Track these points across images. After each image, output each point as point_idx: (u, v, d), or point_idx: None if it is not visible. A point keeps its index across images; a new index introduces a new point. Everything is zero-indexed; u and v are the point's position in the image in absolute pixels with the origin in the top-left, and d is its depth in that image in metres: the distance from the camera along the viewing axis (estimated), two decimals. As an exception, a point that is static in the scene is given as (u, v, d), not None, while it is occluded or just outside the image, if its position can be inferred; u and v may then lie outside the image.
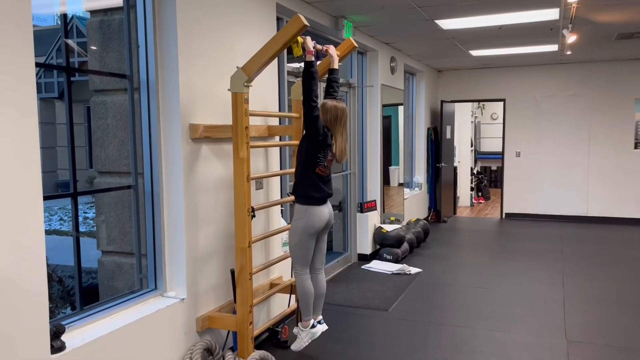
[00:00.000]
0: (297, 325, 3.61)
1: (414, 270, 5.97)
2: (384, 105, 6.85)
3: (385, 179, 7.20)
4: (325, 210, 3.41)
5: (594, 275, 5.80)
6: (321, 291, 3.58)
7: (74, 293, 3.07)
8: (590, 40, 6.75)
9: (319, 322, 3.59)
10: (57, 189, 11.32)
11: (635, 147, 9.08)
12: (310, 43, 3.26)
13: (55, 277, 4.55)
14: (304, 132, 3.36)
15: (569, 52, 7.24)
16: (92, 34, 3.52)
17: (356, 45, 3.93)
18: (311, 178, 3.35)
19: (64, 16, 3.10)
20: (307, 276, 3.47)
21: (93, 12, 3.55)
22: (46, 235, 2.35)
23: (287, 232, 4.08)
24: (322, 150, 3.32)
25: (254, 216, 3.24)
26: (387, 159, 7.37)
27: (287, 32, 3.04)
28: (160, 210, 3.19)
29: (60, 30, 11.07)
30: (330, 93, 3.55)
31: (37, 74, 2.28)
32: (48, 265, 2.41)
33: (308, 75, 3.22)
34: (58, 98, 12.14)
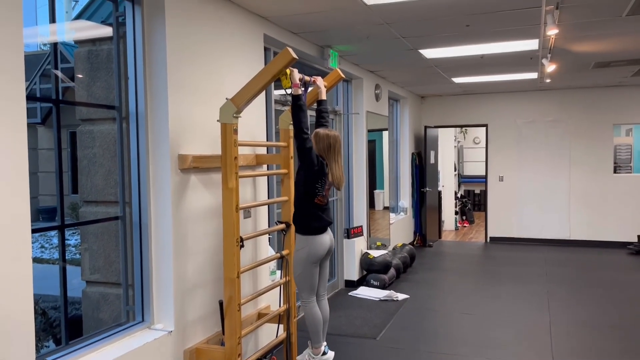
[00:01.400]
0: (309, 354, 3.58)
1: (401, 296, 5.97)
2: (368, 131, 6.93)
3: (371, 203, 7.24)
4: (327, 238, 3.46)
5: (578, 298, 5.86)
6: (325, 317, 3.61)
7: (57, 325, 3.02)
8: (569, 69, 6.95)
9: None
10: (38, 215, 11.13)
11: (615, 172, 9.29)
12: (296, 76, 3.30)
13: (38, 309, 4.46)
14: (299, 163, 3.39)
15: (548, 80, 7.42)
16: (79, 64, 3.53)
17: (343, 76, 3.99)
18: (311, 208, 3.40)
19: (54, 45, 3.12)
20: (315, 304, 3.51)
21: (81, 42, 3.57)
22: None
23: (274, 261, 4.07)
24: (319, 180, 3.37)
25: (242, 246, 3.23)
26: (372, 183, 7.42)
27: (276, 64, 3.09)
28: (148, 240, 3.17)
29: (42, 56, 11.04)
30: (321, 123, 3.60)
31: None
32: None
33: (297, 109, 3.27)
34: (41, 123, 12.02)
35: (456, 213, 11.50)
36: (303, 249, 3.41)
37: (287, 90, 3.33)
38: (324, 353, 3.53)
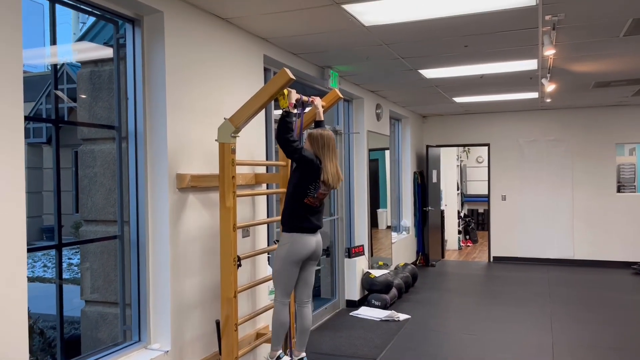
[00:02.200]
0: (266, 357, 3.53)
1: (402, 316, 5.92)
2: (370, 150, 6.95)
3: (373, 222, 7.23)
4: (312, 240, 3.37)
5: (582, 319, 5.79)
6: (306, 325, 3.51)
7: (55, 345, 3.01)
8: (569, 89, 6.97)
9: None
10: (42, 234, 11.18)
11: (619, 191, 9.25)
12: (294, 96, 3.32)
13: (36, 328, 4.45)
14: (296, 165, 3.36)
15: (549, 100, 7.45)
16: (82, 84, 3.59)
17: (341, 96, 4.03)
18: (299, 208, 3.34)
19: (54, 66, 3.17)
20: (286, 306, 3.40)
21: (84, 63, 3.63)
22: (29, 282, 2.32)
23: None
24: (314, 182, 3.33)
25: (240, 265, 3.23)
26: (375, 202, 7.41)
27: (274, 85, 3.12)
28: (146, 259, 3.17)
29: (49, 77, 11.20)
30: None
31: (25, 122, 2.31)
32: (30, 317, 2.37)
33: (283, 124, 3.23)
34: (46, 143, 12.15)
35: (459, 232, 11.44)
36: (284, 246, 3.32)
37: (284, 110, 3.36)
38: (279, 358, 3.44)
